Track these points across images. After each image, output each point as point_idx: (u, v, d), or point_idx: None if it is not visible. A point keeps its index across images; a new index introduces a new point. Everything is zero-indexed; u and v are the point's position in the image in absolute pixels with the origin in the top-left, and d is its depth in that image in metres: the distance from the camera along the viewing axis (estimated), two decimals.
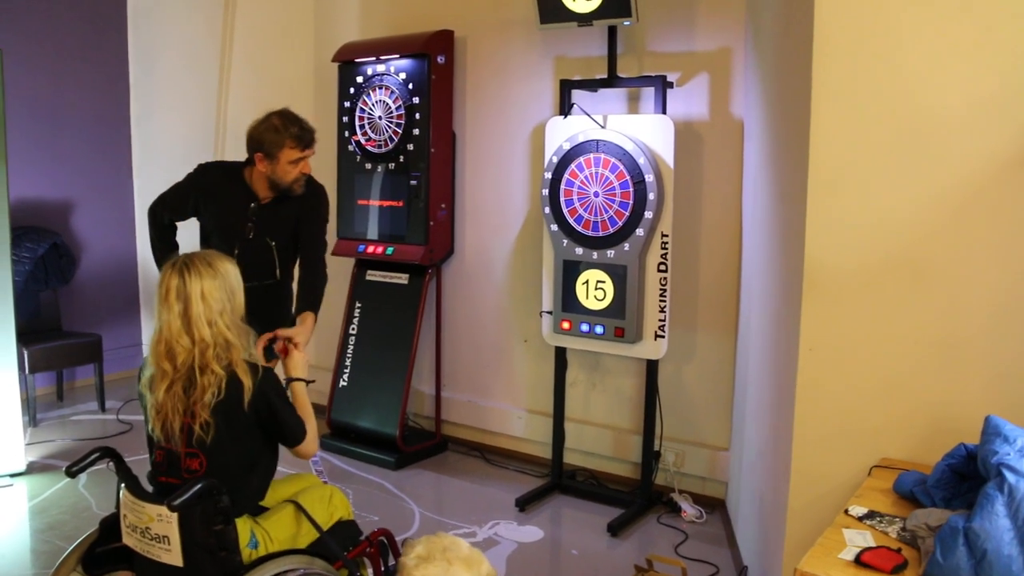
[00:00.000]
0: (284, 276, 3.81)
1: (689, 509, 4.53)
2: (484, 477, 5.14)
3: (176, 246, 3.82)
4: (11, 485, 4.87)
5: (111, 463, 2.70)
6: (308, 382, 3.02)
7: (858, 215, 2.57)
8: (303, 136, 3.65)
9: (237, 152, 6.55)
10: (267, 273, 3.73)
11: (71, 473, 2.68)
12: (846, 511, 2.23)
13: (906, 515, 2.13)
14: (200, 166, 3.83)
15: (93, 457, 2.70)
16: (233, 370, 2.58)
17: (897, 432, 2.57)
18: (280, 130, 3.59)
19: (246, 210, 3.70)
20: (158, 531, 2.43)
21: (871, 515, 2.18)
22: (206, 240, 3.80)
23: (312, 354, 6.29)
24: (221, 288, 2.62)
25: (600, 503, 4.70)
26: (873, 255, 2.56)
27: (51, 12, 6.62)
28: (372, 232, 5.48)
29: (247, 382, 2.57)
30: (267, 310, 3.63)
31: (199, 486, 2.38)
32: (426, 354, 5.63)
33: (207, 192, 3.73)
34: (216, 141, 6.77)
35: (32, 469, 5.09)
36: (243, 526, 2.61)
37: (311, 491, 2.93)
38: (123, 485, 2.57)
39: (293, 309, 3.71)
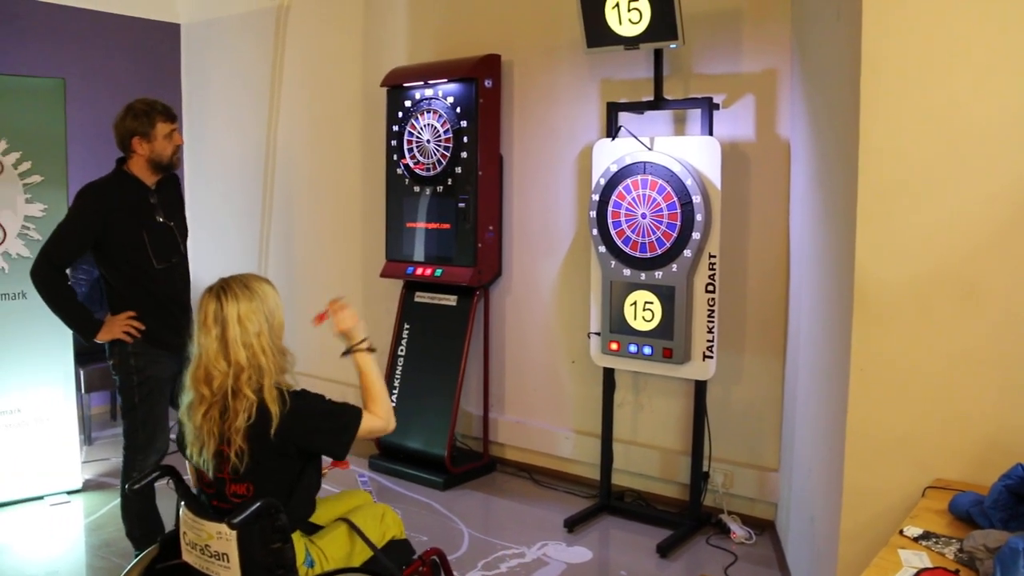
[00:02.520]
0: (185, 251, 4.02)
1: (738, 530, 4.51)
2: (532, 498, 5.15)
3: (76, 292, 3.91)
4: (68, 502, 4.98)
5: (171, 481, 2.76)
6: (371, 350, 2.91)
7: (909, 233, 2.57)
8: (168, 110, 3.82)
9: (287, 174, 6.71)
10: (174, 252, 3.92)
11: (133, 490, 2.73)
12: (901, 532, 2.22)
13: (963, 536, 2.12)
14: (88, 187, 3.78)
15: (154, 475, 2.76)
16: (263, 396, 2.59)
17: (951, 452, 2.55)
18: (147, 111, 3.76)
19: (148, 198, 3.83)
20: (217, 549, 2.47)
21: (927, 536, 2.17)
22: (115, 264, 3.80)
23: (355, 375, 6.36)
24: (258, 310, 2.64)
25: (649, 524, 4.69)
26: (925, 273, 2.55)
27: (109, 41, 6.83)
28: (420, 254, 5.54)
29: (273, 410, 2.57)
30: (180, 286, 3.95)
31: (258, 504, 2.42)
32: (474, 375, 5.65)
33: (112, 203, 3.73)
34: (266, 165, 6.89)
35: (88, 487, 5.20)
36: (298, 544, 2.64)
37: (364, 509, 2.96)
38: (183, 503, 2.62)
39: None
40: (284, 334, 2.74)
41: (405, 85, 5.54)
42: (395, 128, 5.60)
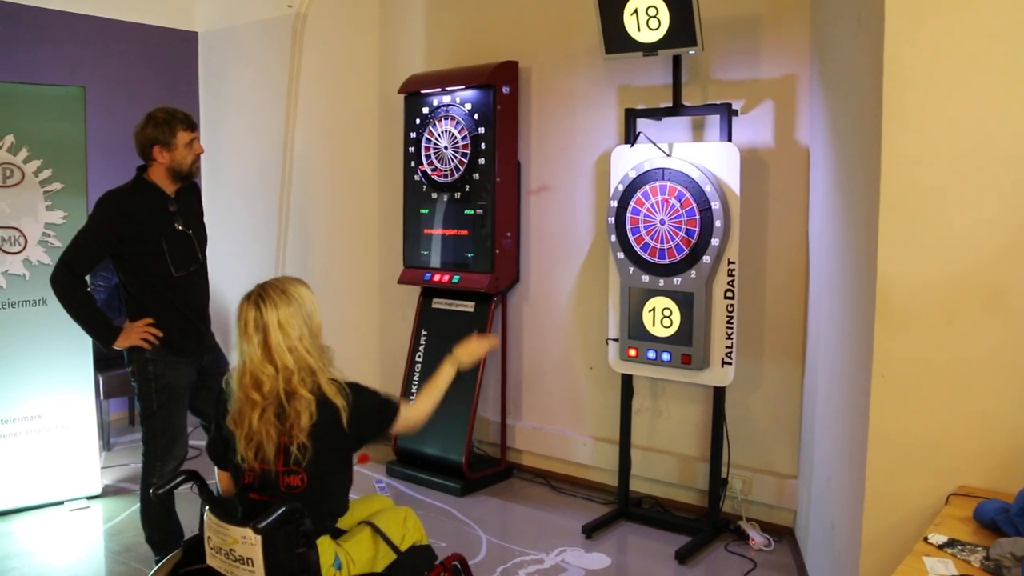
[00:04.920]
0: (204, 259, 4.04)
1: (757, 537, 4.50)
2: (550, 504, 5.15)
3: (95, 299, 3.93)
4: (88, 507, 5.01)
5: (194, 486, 2.77)
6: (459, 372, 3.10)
7: (931, 239, 2.56)
8: (188, 119, 3.85)
9: (304, 181, 6.73)
10: (193, 260, 3.93)
11: (158, 496, 2.75)
12: (925, 539, 2.21)
13: (988, 544, 2.11)
14: (108, 195, 3.79)
15: (178, 480, 2.77)
16: (322, 392, 2.65)
17: (975, 459, 2.54)
18: (168, 120, 3.78)
19: (167, 207, 3.85)
20: (242, 553, 2.48)
21: (952, 543, 2.16)
22: (133, 271, 3.81)
23: (377, 381, 6.38)
24: (296, 314, 2.68)
25: (667, 530, 4.68)
26: (947, 278, 2.54)
27: (128, 50, 6.87)
28: (438, 260, 5.56)
29: (340, 403, 2.66)
30: (199, 294, 3.98)
31: (282, 510, 2.44)
32: (491, 381, 5.66)
33: (132, 211, 3.75)
34: (283, 172, 6.91)
35: (107, 492, 5.23)
36: (327, 547, 2.66)
37: (386, 513, 2.97)
38: (207, 507, 2.63)
39: None
40: (322, 334, 2.78)
41: (423, 92, 5.56)
42: (413, 135, 5.62)
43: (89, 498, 5.10)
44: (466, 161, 5.33)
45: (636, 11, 4.36)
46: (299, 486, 2.66)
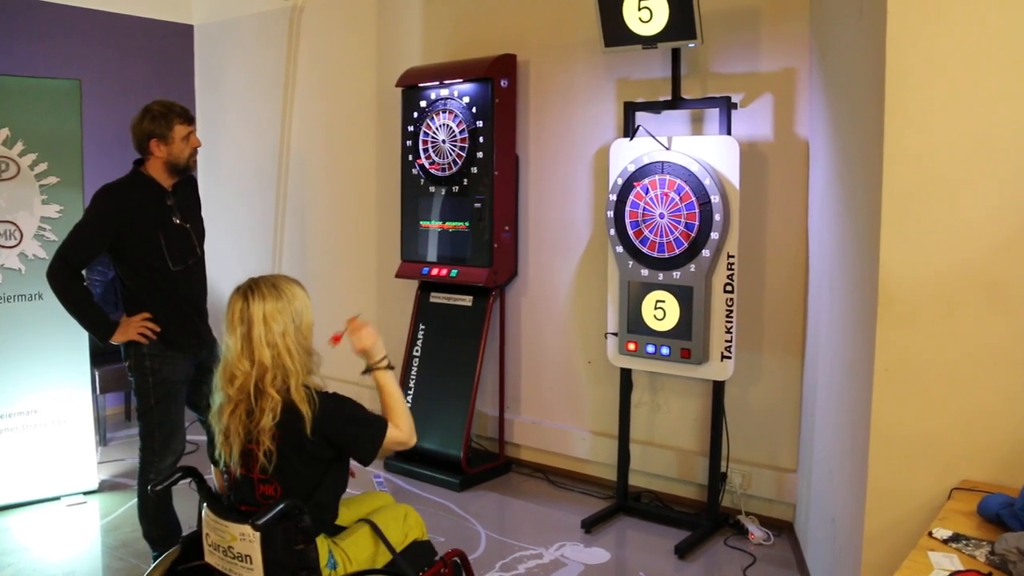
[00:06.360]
0: (202, 253, 4.01)
1: (756, 531, 4.49)
2: (549, 499, 5.13)
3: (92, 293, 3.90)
4: (84, 503, 4.99)
5: (192, 482, 2.75)
6: (390, 367, 2.91)
7: (934, 232, 2.54)
8: (185, 112, 3.83)
9: (301, 175, 6.71)
10: (190, 254, 3.90)
11: (155, 492, 2.73)
12: (930, 533, 2.20)
13: (993, 538, 2.09)
14: (105, 189, 3.76)
15: (175, 476, 2.75)
16: (289, 396, 2.58)
17: (978, 453, 2.53)
18: (165, 113, 3.76)
19: (165, 200, 3.82)
20: (240, 550, 2.47)
21: (956, 538, 2.15)
22: (130, 265, 3.78)
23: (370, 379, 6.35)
24: (284, 310, 2.62)
25: (666, 525, 4.67)
26: (950, 272, 2.53)
27: (124, 43, 6.85)
28: (435, 255, 5.54)
29: (304, 410, 2.56)
30: (197, 288, 3.96)
31: (281, 506, 2.42)
32: (489, 376, 5.65)
33: (129, 204, 3.72)
34: (280, 166, 6.89)
35: (103, 487, 5.21)
36: (321, 546, 2.63)
37: (386, 510, 2.95)
38: (205, 504, 2.61)
39: None
40: (312, 336, 2.73)
41: (420, 85, 5.53)
42: (410, 128, 5.60)
43: (86, 493, 5.08)
44: (464, 155, 5.31)
45: (637, 3, 4.33)
46: (273, 496, 2.61)
